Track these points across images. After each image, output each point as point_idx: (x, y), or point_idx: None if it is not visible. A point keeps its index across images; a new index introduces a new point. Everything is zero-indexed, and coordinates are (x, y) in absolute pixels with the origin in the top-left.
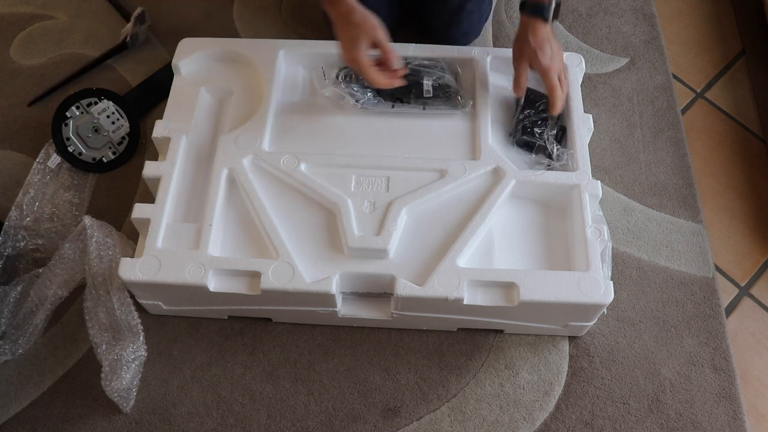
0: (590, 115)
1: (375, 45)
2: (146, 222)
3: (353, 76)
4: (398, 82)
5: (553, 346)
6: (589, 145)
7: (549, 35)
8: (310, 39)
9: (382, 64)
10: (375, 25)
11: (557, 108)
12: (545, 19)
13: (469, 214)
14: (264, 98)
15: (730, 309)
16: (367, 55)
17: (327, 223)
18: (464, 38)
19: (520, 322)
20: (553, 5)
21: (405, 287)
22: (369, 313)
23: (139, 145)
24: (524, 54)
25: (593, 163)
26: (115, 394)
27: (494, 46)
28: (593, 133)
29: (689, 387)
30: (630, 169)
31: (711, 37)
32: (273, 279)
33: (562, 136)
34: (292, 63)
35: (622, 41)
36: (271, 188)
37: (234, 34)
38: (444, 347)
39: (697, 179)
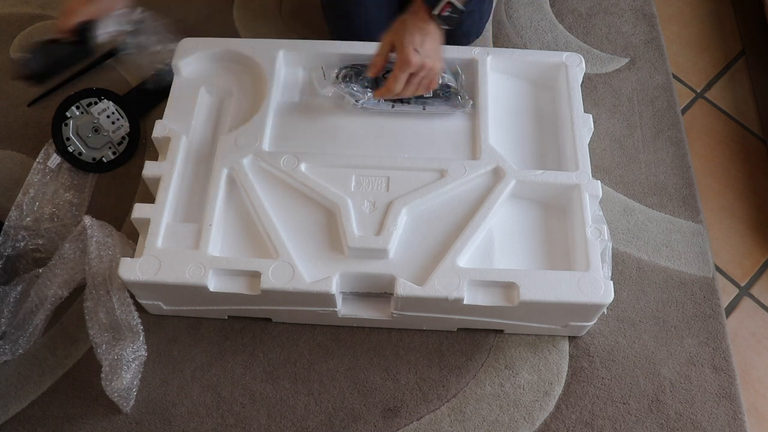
0: (590, 115)
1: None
2: (146, 222)
3: (353, 76)
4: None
5: (553, 346)
6: (589, 145)
7: (426, 28)
8: (310, 39)
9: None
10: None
11: (380, 92)
12: (431, 7)
13: (469, 214)
14: (264, 98)
15: (730, 309)
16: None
17: (327, 223)
18: (465, 38)
19: (520, 322)
20: (443, 5)
21: (405, 287)
22: (369, 313)
23: (139, 145)
24: (393, 31)
25: (593, 163)
26: (115, 394)
27: (494, 46)
28: (593, 133)
29: (689, 387)
30: (630, 169)
31: (711, 37)
32: (273, 279)
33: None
34: (292, 63)
35: (622, 41)
36: (271, 188)
37: (234, 34)
38: (444, 347)
39: (697, 179)
